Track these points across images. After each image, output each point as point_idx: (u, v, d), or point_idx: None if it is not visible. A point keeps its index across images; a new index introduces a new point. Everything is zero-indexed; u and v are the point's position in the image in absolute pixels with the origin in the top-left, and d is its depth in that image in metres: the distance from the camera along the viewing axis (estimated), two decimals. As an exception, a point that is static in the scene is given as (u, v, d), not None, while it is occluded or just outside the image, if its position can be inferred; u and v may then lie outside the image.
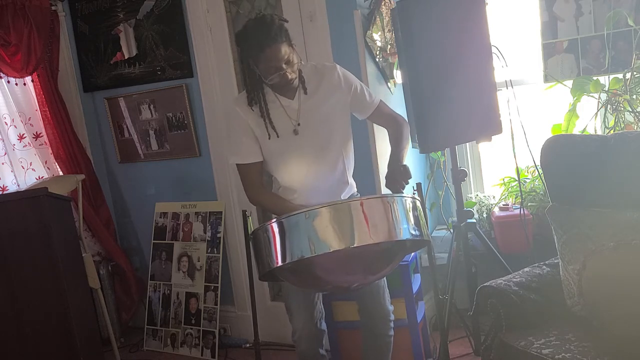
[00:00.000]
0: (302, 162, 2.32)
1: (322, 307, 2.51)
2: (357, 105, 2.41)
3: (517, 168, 2.99)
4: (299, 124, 2.28)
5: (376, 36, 3.10)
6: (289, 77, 2.18)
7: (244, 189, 2.41)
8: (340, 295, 2.91)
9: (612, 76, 2.87)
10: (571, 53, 3.01)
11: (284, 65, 2.15)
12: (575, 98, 2.87)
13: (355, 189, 2.50)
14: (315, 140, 2.31)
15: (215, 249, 3.60)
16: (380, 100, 2.47)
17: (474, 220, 2.75)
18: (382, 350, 2.53)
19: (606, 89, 2.86)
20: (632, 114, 2.82)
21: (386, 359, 2.55)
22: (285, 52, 2.14)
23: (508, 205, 3.21)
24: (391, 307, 2.50)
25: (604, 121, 2.94)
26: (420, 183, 2.27)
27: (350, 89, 2.37)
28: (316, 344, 2.48)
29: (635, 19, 2.82)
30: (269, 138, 2.28)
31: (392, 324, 2.51)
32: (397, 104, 3.23)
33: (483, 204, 3.37)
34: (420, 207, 2.11)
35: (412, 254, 2.93)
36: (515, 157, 2.91)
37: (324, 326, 2.52)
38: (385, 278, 2.48)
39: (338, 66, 2.38)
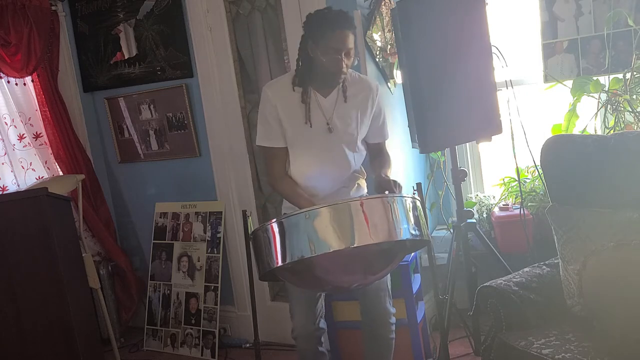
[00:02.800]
0: (327, 158, 2.36)
1: (324, 306, 2.52)
2: (372, 130, 2.46)
3: (517, 168, 2.99)
4: (327, 123, 2.33)
5: (376, 36, 3.10)
6: (342, 65, 2.21)
7: (267, 173, 2.47)
8: (342, 295, 2.91)
9: (612, 76, 2.87)
10: (571, 53, 3.01)
11: (343, 53, 2.20)
12: (575, 98, 2.87)
13: (366, 190, 2.53)
14: (341, 142, 2.36)
15: (215, 249, 3.60)
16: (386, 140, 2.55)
17: (474, 220, 2.75)
18: (383, 352, 2.53)
19: (606, 89, 2.86)
20: (632, 114, 2.82)
21: None
22: (351, 42, 2.21)
23: (508, 205, 3.21)
24: (393, 310, 2.50)
25: (604, 121, 2.94)
26: (420, 183, 2.27)
27: (379, 114, 2.44)
28: (315, 342, 2.49)
29: (635, 19, 2.82)
30: (306, 123, 2.31)
31: (393, 327, 2.51)
32: (397, 104, 3.24)
33: (483, 204, 3.37)
34: (420, 207, 2.11)
35: (412, 254, 2.92)
36: (515, 157, 2.92)
37: (323, 324, 2.52)
38: (388, 280, 2.48)
39: (380, 88, 2.45)
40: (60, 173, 3.76)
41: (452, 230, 2.91)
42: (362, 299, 2.50)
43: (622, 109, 2.83)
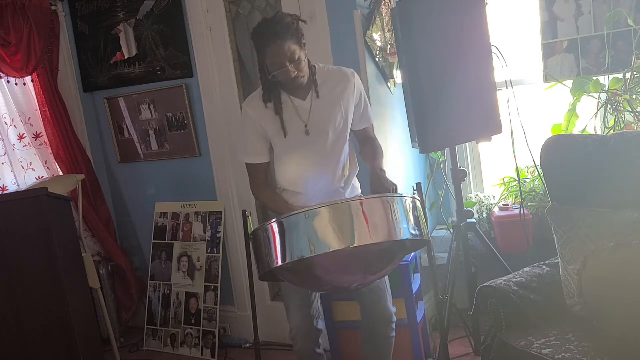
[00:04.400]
0: (310, 162, 2.36)
1: (320, 307, 2.53)
2: (356, 117, 2.43)
3: (517, 168, 2.99)
4: (305, 125, 2.32)
5: (376, 36, 3.10)
6: (292, 75, 2.20)
7: (250, 184, 2.47)
8: (341, 295, 2.91)
9: (612, 76, 2.87)
10: (571, 53, 3.01)
11: (287, 63, 2.17)
12: (575, 98, 2.87)
13: (360, 191, 2.52)
14: (324, 142, 2.34)
15: (215, 249, 3.60)
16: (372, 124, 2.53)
17: (474, 220, 2.75)
18: (383, 351, 2.52)
19: (606, 89, 2.86)
20: (632, 114, 2.82)
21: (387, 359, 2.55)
22: (289, 49, 2.16)
23: (508, 205, 3.21)
24: (394, 309, 2.50)
25: (604, 121, 2.94)
26: (420, 183, 2.27)
27: (360, 100, 2.41)
28: (312, 343, 2.50)
29: (635, 19, 2.82)
30: (285, 136, 2.31)
31: (394, 325, 2.51)
32: (397, 104, 3.24)
33: (483, 204, 3.37)
34: (420, 207, 2.11)
35: (412, 254, 2.92)
36: (515, 157, 2.92)
37: (320, 325, 2.52)
38: (388, 280, 2.49)
39: (357, 75, 2.41)
40: (60, 173, 3.76)
41: (452, 230, 2.91)
42: (361, 300, 2.50)
43: (622, 109, 2.83)
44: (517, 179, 3.09)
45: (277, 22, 2.18)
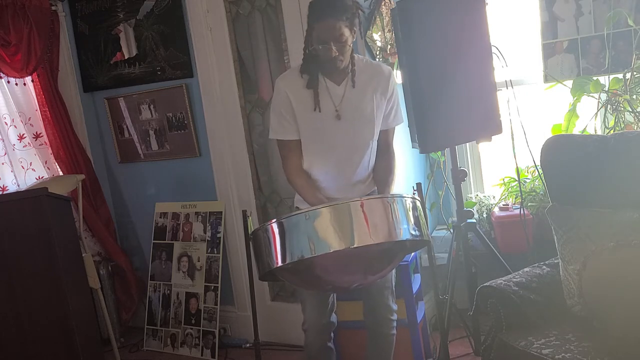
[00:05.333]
0: (334, 149, 2.33)
1: (335, 300, 2.51)
2: (385, 115, 2.41)
3: (517, 168, 2.99)
4: (336, 110, 2.30)
5: (376, 36, 3.10)
6: (332, 54, 2.19)
7: (282, 166, 2.43)
8: (346, 295, 2.91)
9: (612, 76, 2.86)
10: (571, 53, 3.01)
11: (332, 41, 2.17)
12: (575, 98, 2.87)
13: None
14: (353, 130, 2.32)
15: (215, 249, 3.60)
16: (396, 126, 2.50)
17: (474, 220, 2.75)
18: (384, 348, 2.53)
19: (606, 89, 2.86)
20: (632, 114, 2.82)
21: (388, 357, 2.55)
22: (338, 29, 2.16)
23: (508, 205, 3.21)
24: (395, 306, 2.51)
25: (604, 121, 2.94)
26: (420, 183, 2.27)
27: (391, 100, 2.40)
28: (325, 336, 2.49)
29: (635, 19, 2.82)
30: (315, 109, 2.28)
31: (394, 323, 2.51)
32: (397, 104, 3.23)
33: (483, 204, 3.37)
34: (420, 207, 2.11)
35: (412, 254, 2.93)
36: (515, 157, 2.92)
37: (334, 318, 2.52)
38: (393, 278, 2.49)
39: (393, 73, 2.41)
40: (60, 173, 3.76)
41: (452, 230, 2.91)
42: (366, 297, 2.50)
43: (622, 109, 2.83)
44: (517, 179, 3.09)
45: (336, 1, 2.18)
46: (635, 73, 2.80)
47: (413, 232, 2.02)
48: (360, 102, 2.32)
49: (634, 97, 2.81)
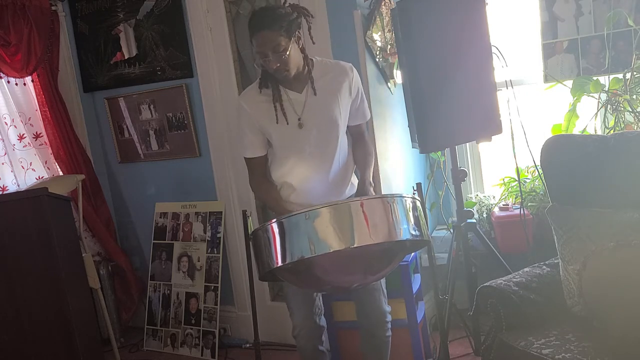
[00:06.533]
0: (303, 157, 2.35)
1: (322, 304, 2.53)
2: (351, 112, 2.42)
3: (517, 168, 2.99)
4: (299, 118, 2.30)
5: (376, 36, 3.10)
6: (274, 66, 2.20)
7: (249, 179, 2.48)
8: (337, 296, 2.92)
9: (612, 76, 2.87)
10: (571, 53, 3.01)
11: (269, 53, 2.17)
12: (575, 98, 2.87)
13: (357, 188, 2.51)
14: (318, 136, 2.33)
15: (215, 249, 3.60)
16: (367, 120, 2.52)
17: (474, 220, 2.75)
18: (380, 351, 2.53)
19: (606, 89, 2.86)
20: (632, 114, 2.82)
21: (384, 359, 2.55)
22: (274, 40, 2.16)
23: (508, 205, 3.21)
24: (388, 308, 2.51)
25: (604, 121, 2.94)
26: (420, 183, 2.27)
27: (357, 96, 2.40)
28: (315, 340, 2.50)
29: (635, 19, 2.82)
30: (277, 122, 2.30)
31: (389, 325, 2.51)
32: (397, 104, 3.24)
33: (483, 204, 3.37)
34: (420, 207, 2.11)
35: (412, 254, 2.92)
36: (515, 157, 2.92)
37: (323, 322, 2.53)
38: (384, 280, 2.48)
39: (355, 69, 2.40)
40: (60, 173, 3.76)
41: (452, 230, 2.91)
42: (357, 300, 2.50)
43: (622, 109, 2.83)
44: (517, 179, 3.09)
45: (268, 11, 2.19)
46: (635, 73, 2.80)
47: (413, 232, 2.02)
48: (323, 108, 2.32)
49: (634, 97, 2.81)
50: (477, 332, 2.79)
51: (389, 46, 3.18)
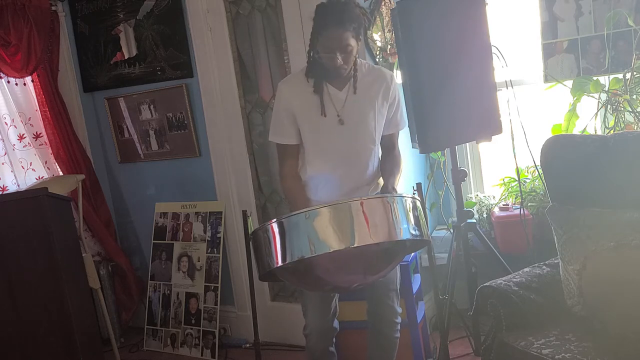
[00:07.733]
0: (338, 153, 2.34)
1: (337, 305, 2.51)
2: (387, 120, 2.42)
3: (517, 168, 2.99)
4: (338, 115, 2.31)
5: (376, 36, 3.10)
6: (337, 63, 2.20)
7: (278, 169, 2.46)
8: (349, 295, 2.90)
9: (612, 76, 2.87)
10: (571, 53, 3.01)
11: (337, 51, 2.18)
12: (575, 98, 2.87)
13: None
14: (355, 135, 2.34)
15: (215, 249, 3.60)
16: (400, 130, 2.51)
17: (474, 220, 2.75)
18: (387, 351, 2.53)
19: (606, 89, 2.86)
20: (632, 114, 2.82)
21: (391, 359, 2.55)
22: (345, 39, 2.16)
23: (508, 205, 3.21)
24: (399, 309, 2.51)
25: (604, 121, 2.94)
26: (420, 183, 2.27)
27: (394, 103, 2.41)
28: (327, 341, 2.49)
29: (635, 19, 2.82)
30: (321, 114, 2.29)
31: (398, 326, 2.51)
32: (397, 104, 3.23)
33: (483, 204, 3.37)
34: (420, 207, 2.11)
35: (412, 254, 2.92)
36: (515, 157, 2.91)
37: (336, 324, 2.52)
38: (397, 280, 2.49)
39: (395, 78, 2.42)
40: (60, 173, 3.76)
41: (452, 230, 2.91)
42: (370, 298, 2.49)
43: (622, 109, 2.83)
44: (517, 179, 3.09)
45: (345, 10, 2.17)
46: (635, 73, 2.80)
47: (413, 232, 2.02)
48: (361, 108, 2.33)
49: (634, 97, 2.81)
50: (477, 332, 2.79)
51: (389, 46, 3.18)
